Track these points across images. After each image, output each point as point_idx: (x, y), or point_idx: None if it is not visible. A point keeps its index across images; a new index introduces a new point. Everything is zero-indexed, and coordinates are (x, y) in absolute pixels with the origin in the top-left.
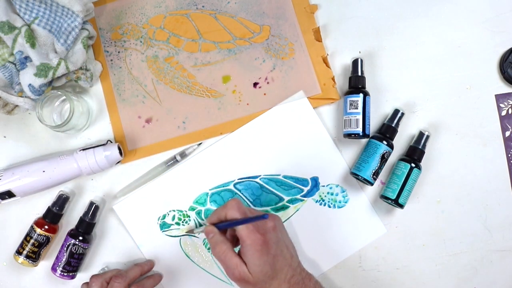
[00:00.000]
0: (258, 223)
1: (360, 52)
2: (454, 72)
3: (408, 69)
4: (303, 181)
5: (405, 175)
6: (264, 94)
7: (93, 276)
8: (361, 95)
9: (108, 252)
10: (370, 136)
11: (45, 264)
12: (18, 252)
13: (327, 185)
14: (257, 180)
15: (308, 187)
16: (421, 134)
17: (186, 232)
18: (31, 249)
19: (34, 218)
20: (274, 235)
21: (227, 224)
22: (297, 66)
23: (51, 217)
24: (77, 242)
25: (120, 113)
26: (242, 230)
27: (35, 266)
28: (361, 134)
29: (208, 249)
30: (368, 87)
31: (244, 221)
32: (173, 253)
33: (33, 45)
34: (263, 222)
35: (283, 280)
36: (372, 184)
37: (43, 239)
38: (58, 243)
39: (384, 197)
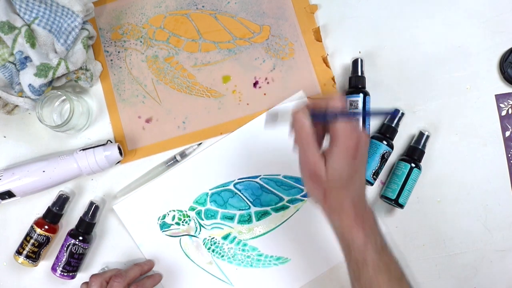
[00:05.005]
0: (355, 132)
1: (360, 52)
2: (454, 72)
3: (408, 69)
4: None
5: (405, 175)
6: (264, 94)
7: (92, 276)
8: (361, 95)
9: (108, 252)
10: (370, 136)
11: (45, 264)
12: (18, 252)
13: None
14: (257, 180)
15: None
16: (421, 134)
17: None
18: (31, 249)
19: (34, 218)
20: (364, 149)
21: (335, 114)
22: (297, 66)
23: (51, 217)
24: (77, 242)
25: (120, 113)
26: (341, 129)
27: (35, 266)
28: None
29: (208, 248)
30: (368, 87)
31: (370, 112)
32: (173, 253)
33: (33, 45)
34: (359, 129)
35: (351, 196)
36: (372, 184)
37: (43, 239)
38: (58, 243)
39: (384, 197)
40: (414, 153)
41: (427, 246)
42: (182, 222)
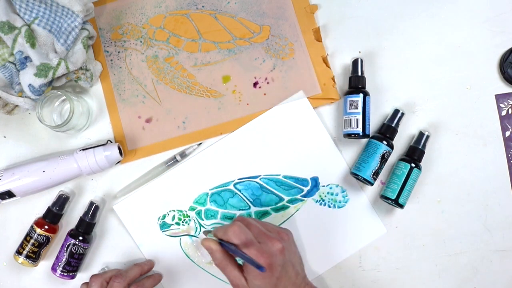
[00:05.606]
0: (263, 246)
1: (360, 52)
2: (454, 72)
3: (408, 69)
4: (303, 181)
5: (405, 175)
6: (264, 94)
7: (93, 276)
8: (361, 95)
9: (108, 252)
10: (370, 136)
11: (45, 264)
12: (18, 252)
13: (327, 185)
14: (257, 180)
15: (308, 187)
16: (421, 134)
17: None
18: (31, 249)
19: (34, 218)
20: (280, 258)
21: (231, 250)
22: (297, 66)
23: (51, 217)
24: (77, 242)
25: (120, 113)
26: (246, 253)
27: (35, 266)
28: (361, 134)
29: None
30: (368, 87)
31: (242, 256)
32: (173, 253)
33: (33, 45)
34: (270, 244)
35: None
36: (372, 184)
37: (43, 239)
38: (58, 243)
39: (384, 197)
40: (414, 153)
41: (427, 246)
42: (182, 222)
